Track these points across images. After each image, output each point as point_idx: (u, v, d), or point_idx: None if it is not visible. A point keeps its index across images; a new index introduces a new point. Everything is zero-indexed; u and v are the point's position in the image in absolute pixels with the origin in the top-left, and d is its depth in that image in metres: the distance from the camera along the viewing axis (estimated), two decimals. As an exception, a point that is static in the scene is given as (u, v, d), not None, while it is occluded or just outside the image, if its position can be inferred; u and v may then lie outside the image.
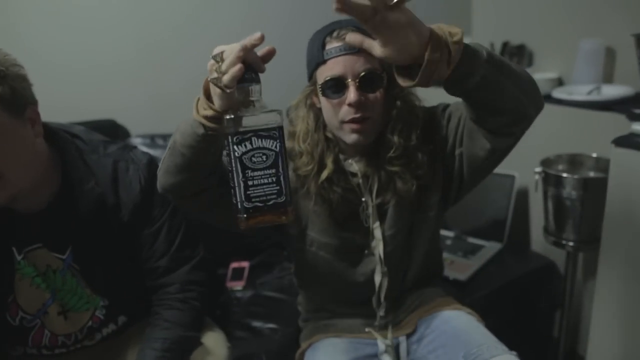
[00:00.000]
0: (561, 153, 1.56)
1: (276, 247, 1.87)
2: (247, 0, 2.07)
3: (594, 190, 1.36)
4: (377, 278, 1.12)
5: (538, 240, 1.77)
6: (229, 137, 0.71)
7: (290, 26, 2.07)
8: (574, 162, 1.56)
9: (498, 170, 1.86)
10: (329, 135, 1.08)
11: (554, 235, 1.52)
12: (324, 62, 0.97)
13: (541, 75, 1.94)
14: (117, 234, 1.07)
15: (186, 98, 1.99)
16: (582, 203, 1.41)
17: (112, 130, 1.87)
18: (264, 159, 0.72)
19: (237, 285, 1.70)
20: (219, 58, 0.74)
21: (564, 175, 1.44)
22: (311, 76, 1.03)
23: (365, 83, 0.96)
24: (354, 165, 1.08)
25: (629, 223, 1.24)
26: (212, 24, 1.99)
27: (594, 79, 1.76)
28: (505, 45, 2.16)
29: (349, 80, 0.95)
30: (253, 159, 0.72)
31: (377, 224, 1.10)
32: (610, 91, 1.67)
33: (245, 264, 1.76)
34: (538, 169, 1.49)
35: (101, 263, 1.08)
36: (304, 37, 1.05)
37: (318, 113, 1.07)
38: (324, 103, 1.01)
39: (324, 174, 1.06)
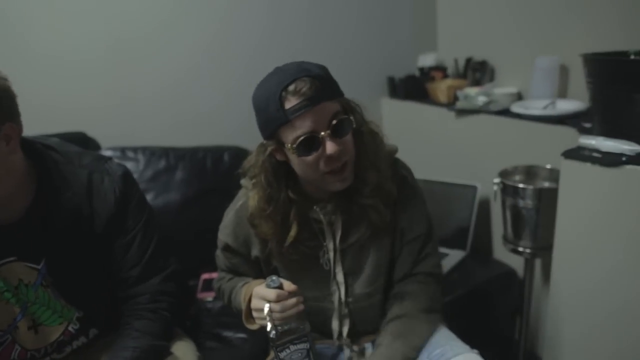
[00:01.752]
0: (518, 165, 1.64)
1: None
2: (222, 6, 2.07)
3: (548, 200, 1.43)
4: (338, 325, 1.18)
5: (499, 248, 1.85)
6: (273, 347, 0.98)
7: (265, 40, 2.11)
8: (530, 173, 1.64)
9: (461, 181, 1.96)
10: (291, 194, 1.07)
11: (512, 243, 1.59)
12: (288, 122, 0.93)
13: (502, 90, 2.03)
14: (91, 244, 1.08)
15: (155, 111, 2.03)
16: (537, 212, 1.49)
17: (82, 143, 1.88)
18: (300, 355, 1.00)
19: (208, 296, 1.72)
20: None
21: (520, 185, 1.51)
22: (271, 135, 0.99)
23: (337, 130, 0.96)
24: (318, 213, 1.09)
25: (579, 230, 1.32)
26: (182, 34, 1.99)
27: (549, 94, 1.86)
28: (468, 61, 2.25)
29: (322, 133, 0.94)
30: (292, 356, 0.99)
31: (340, 268, 1.13)
32: (564, 106, 1.76)
33: (215, 275, 1.77)
34: (496, 180, 1.57)
35: (75, 274, 1.09)
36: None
37: (278, 170, 1.04)
38: (298, 161, 0.99)
39: (290, 238, 1.08)
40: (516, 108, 1.84)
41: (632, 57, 1.43)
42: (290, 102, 0.92)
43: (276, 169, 1.04)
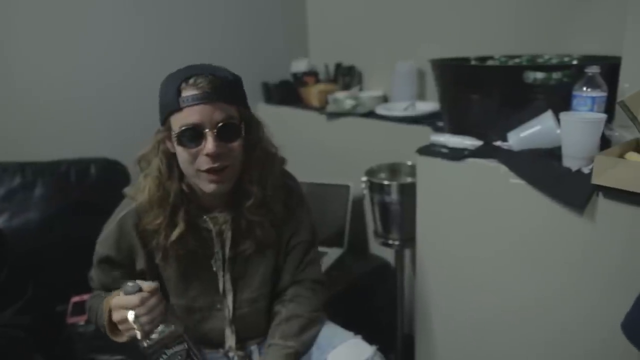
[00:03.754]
0: (382, 163, 1.75)
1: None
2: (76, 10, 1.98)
3: (411, 194, 1.55)
4: (228, 332, 1.18)
5: (373, 243, 1.96)
6: (148, 356, 0.93)
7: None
8: (394, 170, 1.76)
9: (335, 181, 2.04)
10: (185, 188, 1.06)
11: (382, 237, 1.70)
12: (179, 109, 0.94)
13: (368, 93, 2.16)
14: None
15: (5, 122, 1.81)
16: (402, 206, 1.60)
17: None
18: (180, 358, 0.96)
19: (80, 320, 1.60)
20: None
21: (385, 182, 1.62)
22: (164, 121, 1.00)
23: (224, 133, 0.96)
24: (209, 223, 1.09)
25: (436, 219, 1.45)
26: (41, 36, 1.86)
27: (409, 97, 2.02)
28: (338, 66, 2.36)
29: (207, 130, 0.95)
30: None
31: (228, 275, 1.14)
32: (422, 107, 1.93)
33: (87, 297, 1.66)
34: (364, 179, 1.66)
35: None
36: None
37: (172, 160, 1.04)
38: (179, 151, 0.99)
39: (175, 234, 1.05)
40: (380, 110, 1.97)
41: (473, 62, 1.61)
42: (187, 92, 0.94)
43: (169, 158, 1.04)
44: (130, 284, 0.93)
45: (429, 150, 1.41)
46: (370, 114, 2.00)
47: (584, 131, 1.12)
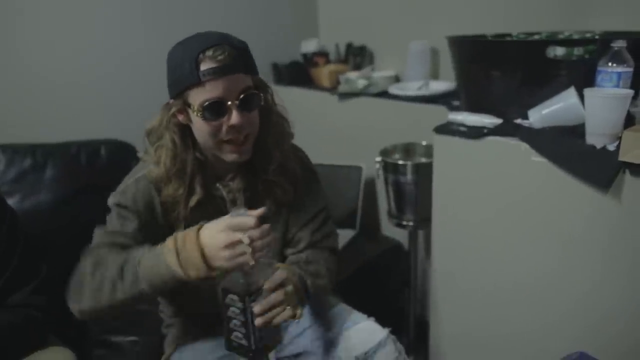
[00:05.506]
0: (397, 143, 1.72)
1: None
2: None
3: (426, 174, 1.52)
4: None
5: (386, 224, 1.94)
6: (245, 298, 0.88)
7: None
8: (408, 150, 1.73)
9: (346, 162, 2.02)
10: (199, 156, 1.05)
11: (396, 218, 1.68)
12: (200, 83, 0.93)
13: (381, 73, 2.13)
14: None
15: (16, 104, 1.80)
16: (417, 186, 1.58)
17: None
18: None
19: (93, 302, 1.60)
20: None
21: (399, 162, 1.60)
22: (178, 94, 0.98)
23: (245, 103, 0.97)
24: (222, 190, 1.09)
25: (452, 199, 1.42)
26: (46, 21, 1.83)
27: (422, 76, 1.98)
28: (349, 46, 2.32)
29: (230, 102, 0.95)
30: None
31: None
32: (436, 86, 1.89)
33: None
34: (378, 159, 1.64)
35: None
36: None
37: (184, 131, 1.03)
38: (200, 124, 0.98)
39: (193, 200, 1.04)
40: (393, 90, 1.93)
41: (490, 38, 1.57)
42: (206, 65, 0.92)
43: (181, 129, 1.02)
44: (239, 210, 0.90)
45: (447, 129, 1.38)
46: (383, 94, 1.96)
47: (610, 107, 1.08)
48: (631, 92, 1.09)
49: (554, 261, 1.23)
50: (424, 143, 1.70)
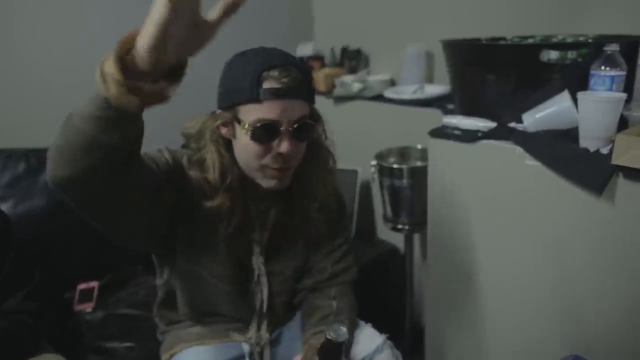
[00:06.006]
0: (392, 147, 1.72)
1: (130, 262, 1.80)
2: None
3: (421, 177, 1.52)
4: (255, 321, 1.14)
5: (382, 228, 1.93)
6: None
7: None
8: (404, 154, 1.73)
9: (342, 166, 1.99)
10: (243, 173, 0.99)
11: (392, 222, 1.68)
12: (258, 101, 0.88)
13: (376, 77, 2.13)
14: None
15: (9, 109, 1.79)
16: (412, 189, 1.58)
17: None
18: None
19: (87, 307, 1.59)
20: None
21: (395, 166, 1.60)
22: (230, 106, 0.93)
23: (298, 132, 0.92)
24: (256, 214, 1.05)
25: (447, 203, 1.42)
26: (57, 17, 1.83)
27: (418, 79, 1.98)
28: (344, 49, 2.32)
29: (284, 128, 0.90)
30: None
31: (263, 267, 1.10)
32: (431, 90, 1.89)
33: (94, 284, 1.65)
34: (373, 162, 1.64)
35: None
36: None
37: (228, 145, 0.98)
38: (246, 142, 0.93)
39: (233, 224, 1.00)
40: (389, 93, 1.93)
41: (484, 42, 1.57)
42: (269, 84, 0.88)
43: (226, 143, 0.97)
44: None
45: (441, 132, 1.38)
46: (379, 98, 1.97)
47: (603, 111, 1.09)
48: (624, 95, 1.10)
49: (549, 264, 1.23)
50: (419, 147, 1.70)
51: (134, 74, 0.63)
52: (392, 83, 2.13)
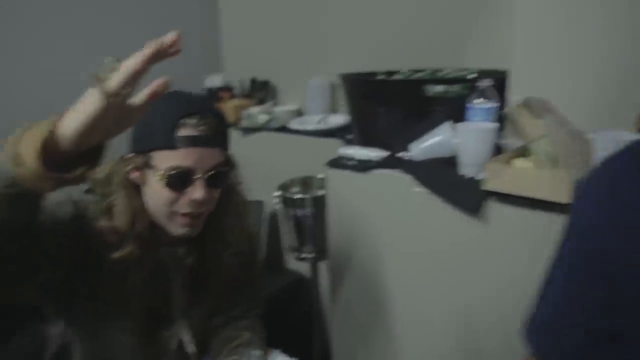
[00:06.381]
0: (294, 177, 1.74)
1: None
2: None
3: (322, 206, 1.55)
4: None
5: (290, 257, 1.94)
6: None
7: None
8: (306, 183, 1.75)
9: (249, 197, 1.99)
10: (153, 220, 0.94)
11: (297, 251, 1.68)
12: (174, 148, 0.85)
13: (283, 108, 2.16)
14: None
15: None
16: (314, 218, 1.59)
17: None
18: None
19: None
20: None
21: (296, 196, 1.61)
22: (143, 151, 0.89)
23: (214, 179, 0.91)
24: (170, 256, 1.01)
25: (347, 230, 1.46)
26: None
27: (322, 110, 2.04)
28: (253, 81, 2.35)
29: (199, 175, 0.88)
30: None
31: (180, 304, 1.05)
32: (335, 120, 1.95)
33: None
34: (276, 193, 1.64)
35: None
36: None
37: (137, 190, 0.93)
38: (157, 189, 0.89)
39: (143, 273, 0.95)
40: (294, 124, 1.97)
41: (380, 76, 1.66)
42: (186, 131, 0.86)
43: (136, 189, 0.93)
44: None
45: (338, 162, 1.43)
46: (284, 129, 2.00)
47: (477, 139, 1.18)
48: (496, 125, 1.20)
49: (442, 283, 1.29)
50: (320, 176, 1.73)
51: (50, 156, 0.59)
52: (299, 113, 2.17)
